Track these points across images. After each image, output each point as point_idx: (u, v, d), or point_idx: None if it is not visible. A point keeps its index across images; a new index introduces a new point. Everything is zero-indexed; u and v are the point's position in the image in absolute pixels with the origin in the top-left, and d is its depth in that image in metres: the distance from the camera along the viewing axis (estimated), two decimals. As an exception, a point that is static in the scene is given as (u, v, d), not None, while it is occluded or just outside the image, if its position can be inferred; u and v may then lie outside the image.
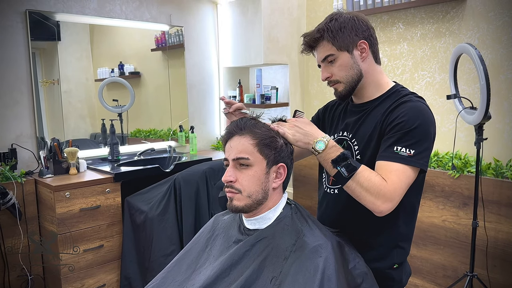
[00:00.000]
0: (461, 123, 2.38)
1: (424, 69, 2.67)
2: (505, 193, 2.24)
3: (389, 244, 1.31)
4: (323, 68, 1.32)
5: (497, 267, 2.30)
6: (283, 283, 1.09)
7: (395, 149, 1.17)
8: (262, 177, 1.17)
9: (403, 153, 1.16)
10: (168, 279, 1.29)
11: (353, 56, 1.28)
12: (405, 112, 1.20)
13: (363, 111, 1.34)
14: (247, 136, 1.17)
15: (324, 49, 1.29)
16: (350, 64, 1.28)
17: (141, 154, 3.07)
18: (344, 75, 1.29)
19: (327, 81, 1.33)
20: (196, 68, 3.54)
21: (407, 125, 1.18)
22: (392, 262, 1.32)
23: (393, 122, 1.21)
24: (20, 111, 2.63)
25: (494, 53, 2.36)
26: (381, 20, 2.85)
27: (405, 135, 1.17)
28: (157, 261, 2.46)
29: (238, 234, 1.26)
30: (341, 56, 1.28)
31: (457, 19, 2.50)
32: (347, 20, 1.28)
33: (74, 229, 2.38)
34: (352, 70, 1.29)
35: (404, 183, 1.15)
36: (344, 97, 1.33)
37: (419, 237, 2.64)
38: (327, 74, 1.31)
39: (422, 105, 1.24)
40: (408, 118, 1.18)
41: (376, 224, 1.27)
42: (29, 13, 2.61)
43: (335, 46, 1.27)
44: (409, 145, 1.16)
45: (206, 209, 2.62)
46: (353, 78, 1.29)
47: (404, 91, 1.31)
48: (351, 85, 1.30)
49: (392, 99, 1.28)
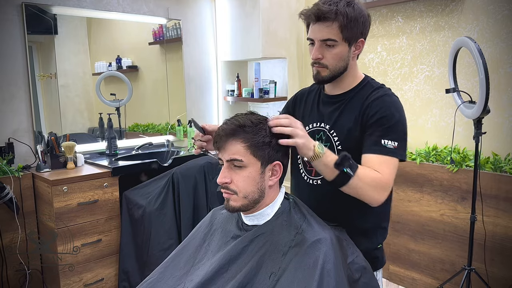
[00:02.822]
0: (460, 117, 2.38)
1: (423, 63, 2.66)
2: (504, 187, 2.24)
3: (373, 226, 1.39)
4: (318, 47, 1.29)
5: (495, 261, 2.31)
6: (282, 278, 1.08)
7: (383, 143, 1.22)
8: (257, 177, 1.16)
9: (390, 146, 1.22)
10: (166, 274, 1.28)
11: (349, 50, 1.30)
12: (385, 107, 1.26)
13: (339, 102, 1.36)
14: (238, 140, 1.14)
15: (330, 31, 1.25)
16: (344, 56, 1.29)
17: (139, 148, 3.06)
18: (335, 63, 1.29)
19: (314, 61, 1.31)
20: (194, 62, 3.53)
21: (389, 119, 1.25)
22: (377, 242, 1.40)
23: (375, 116, 1.26)
24: (17, 105, 2.61)
25: (493, 47, 2.35)
26: (380, 14, 2.83)
27: (389, 129, 1.24)
28: (155, 255, 2.46)
29: (236, 229, 1.25)
30: (341, 46, 1.27)
31: (456, 12, 2.49)
32: (361, 14, 1.27)
33: (72, 224, 2.37)
34: (343, 62, 1.30)
35: (394, 172, 1.24)
36: (323, 82, 1.35)
37: (417, 231, 2.64)
38: (319, 55, 1.29)
39: (397, 100, 1.32)
40: (389, 113, 1.25)
41: (361, 208, 1.31)
42: (25, 6, 2.58)
43: (342, 35, 1.25)
44: (394, 138, 1.23)
45: (204, 203, 2.62)
46: (340, 70, 1.31)
47: (375, 82, 1.37)
48: (335, 75, 1.32)
49: (367, 91, 1.33)
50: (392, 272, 2.81)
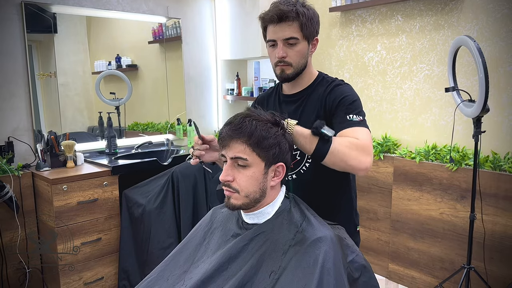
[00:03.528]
0: (459, 116, 2.38)
1: (423, 62, 2.66)
2: (503, 186, 2.25)
3: (349, 209, 1.50)
4: (281, 46, 1.35)
5: (494, 259, 2.31)
6: (282, 277, 1.09)
7: (349, 118, 1.29)
8: (260, 178, 1.16)
9: (356, 119, 1.29)
10: (166, 273, 1.28)
11: (308, 48, 1.39)
12: (343, 92, 1.36)
13: (300, 99, 1.44)
14: (244, 139, 1.13)
15: (292, 29, 1.33)
16: (305, 53, 1.38)
17: (139, 147, 3.06)
18: (298, 61, 1.37)
19: (278, 60, 1.37)
20: (194, 60, 3.52)
21: (350, 99, 1.33)
22: (354, 224, 1.51)
23: (336, 100, 1.34)
24: (16, 104, 2.61)
25: (493, 45, 2.35)
26: (380, 12, 2.83)
27: (351, 105, 1.32)
28: (155, 254, 2.46)
29: (236, 228, 1.25)
30: (302, 44, 1.36)
31: (456, 11, 2.49)
32: (315, 14, 1.38)
33: (72, 222, 2.38)
34: (304, 59, 1.39)
35: (369, 139, 1.26)
36: (288, 80, 1.41)
37: (417, 229, 2.65)
38: (284, 53, 1.35)
39: (351, 86, 1.42)
40: (348, 95, 1.35)
41: (336, 196, 1.45)
42: (24, 5, 2.58)
43: (303, 33, 1.34)
44: (357, 113, 1.30)
45: (204, 202, 2.62)
46: (302, 66, 1.39)
47: (329, 77, 1.46)
48: (298, 72, 1.39)
49: (324, 85, 1.41)
50: (392, 271, 2.82)
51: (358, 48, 2.98)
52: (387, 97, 2.84)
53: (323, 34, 3.12)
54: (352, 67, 3.03)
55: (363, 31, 2.93)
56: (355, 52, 3.00)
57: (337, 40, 3.09)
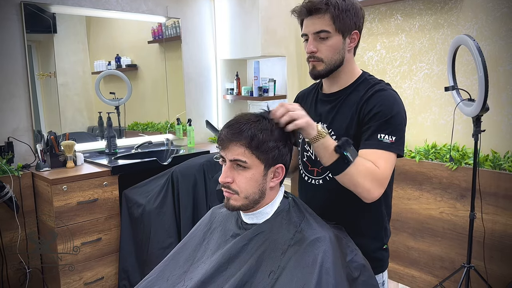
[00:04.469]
0: (459, 115, 2.38)
1: (422, 61, 2.66)
2: (503, 185, 2.25)
3: (377, 226, 1.36)
4: (312, 40, 1.28)
5: (494, 258, 2.31)
6: (281, 277, 1.08)
7: (379, 137, 1.19)
8: (259, 179, 1.16)
9: (387, 140, 1.18)
10: (166, 273, 1.28)
11: (344, 42, 1.29)
12: (382, 102, 1.23)
13: (336, 100, 1.34)
14: (242, 142, 1.13)
15: (323, 22, 1.25)
16: (339, 48, 1.28)
17: (139, 147, 3.06)
18: (330, 56, 1.28)
19: (309, 55, 1.30)
20: (193, 60, 3.52)
21: (386, 113, 1.21)
22: (382, 243, 1.37)
23: (372, 111, 1.23)
24: (16, 104, 2.61)
25: (492, 44, 2.35)
26: (379, 12, 2.83)
27: (386, 123, 1.20)
28: (155, 254, 2.46)
29: (235, 228, 1.25)
30: (335, 38, 1.27)
31: (455, 10, 2.49)
32: (353, 5, 1.28)
33: (72, 223, 2.38)
34: (338, 54, 1.29)
35: (391, 168, 1.19)
36: (320, 77, 1.33)
37: (417, 229, 2.65)
38: (314, 48, 1.28)
39: (396, 94, 1.28)
40: (386, 107, 1.22)
41: (364, 208, 1.29)
42: (24, 5, 2.58)
43: (335, 25, 1.25)
44: (390, 133, 1.19)
45: (203, 202, 2.62)
46: (336, 63, 1.29)
47: (373, 78, 1.34)
48: (331, 68, 1.30)
49: (364, 87, 1.30)
50: (392, 270, 2.82)
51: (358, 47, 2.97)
52: (387, 96, 2.83)
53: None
54: (351, 66, 3.02)
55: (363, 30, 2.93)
56: (355, 51, 2.99)
57: (337, 40, 3.08)
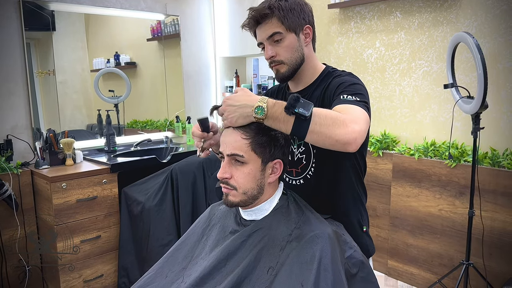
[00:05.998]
0: (458, 113, 2.38)
1: (422, 58, 2.66)
2: (502, 182, 2.25)
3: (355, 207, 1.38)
4: (268, 46, 1.29)
5: (493, 255, 2.31)
6: (279, 273, 1.09)
7: (342, 97, 1.16)
8: (257, 175, 1.16)
9: (350, 98, 1.15)
10: (164, 270, 1.29)
11: (299, 39, 1.30)
12: (341, 80, 1.26)
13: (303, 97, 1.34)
14: (240, 133, 1.13)
15: (272, 26, 1.27)
16: (296, 46, 1.29)
17: (138, 145, 3.06)
18: (289, 56, 1.29)
19: (270, 61, 1.31)
20: (192, 58, 3.52)
21: (348, 82, 1.23)
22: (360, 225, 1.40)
23: (334, 86, 1.24)
24: (15, 102, 2.61)
25: (492, 42, 2.35)
26: (378, 9, 2.83)
27: (348, 87, 1.21)
28: (155, 251, 2.46)
29: (234, 224, 1.26)
30: (288, 37, 1.28)
31: (455, 7, 2.48)
32: (296, 3, 1.29)
33: (71, 220, 2.38)
34: (297, 52, 1.30)
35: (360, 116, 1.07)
36: (285, 79, 1.34)
37: (416, 226, 2.65)
38: (272, 53, 1.29)
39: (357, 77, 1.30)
40: (347, 80, 1.25)
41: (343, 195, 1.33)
42: (22, 3, 2.58)
43: (284, 26, 1.27)
44: (353, 94, 1.17)
45: (203, 199, 2.62)
46: (297, 61, 1.31)
47: (336, 71, 1.35)
48: (294, 68, 1.31)
49: (327, 80, 1.32)
50: (391, 267, 2.82)
51: (357, 44, 2.97)
52: (386, 94, 2.84)
53: (322, 31, 3.12)
54: (351, 63, 3.03)
55: (362, 28, 2.93)
56: (354, 48, 3.00)
57: (336, 37, 3.09)
